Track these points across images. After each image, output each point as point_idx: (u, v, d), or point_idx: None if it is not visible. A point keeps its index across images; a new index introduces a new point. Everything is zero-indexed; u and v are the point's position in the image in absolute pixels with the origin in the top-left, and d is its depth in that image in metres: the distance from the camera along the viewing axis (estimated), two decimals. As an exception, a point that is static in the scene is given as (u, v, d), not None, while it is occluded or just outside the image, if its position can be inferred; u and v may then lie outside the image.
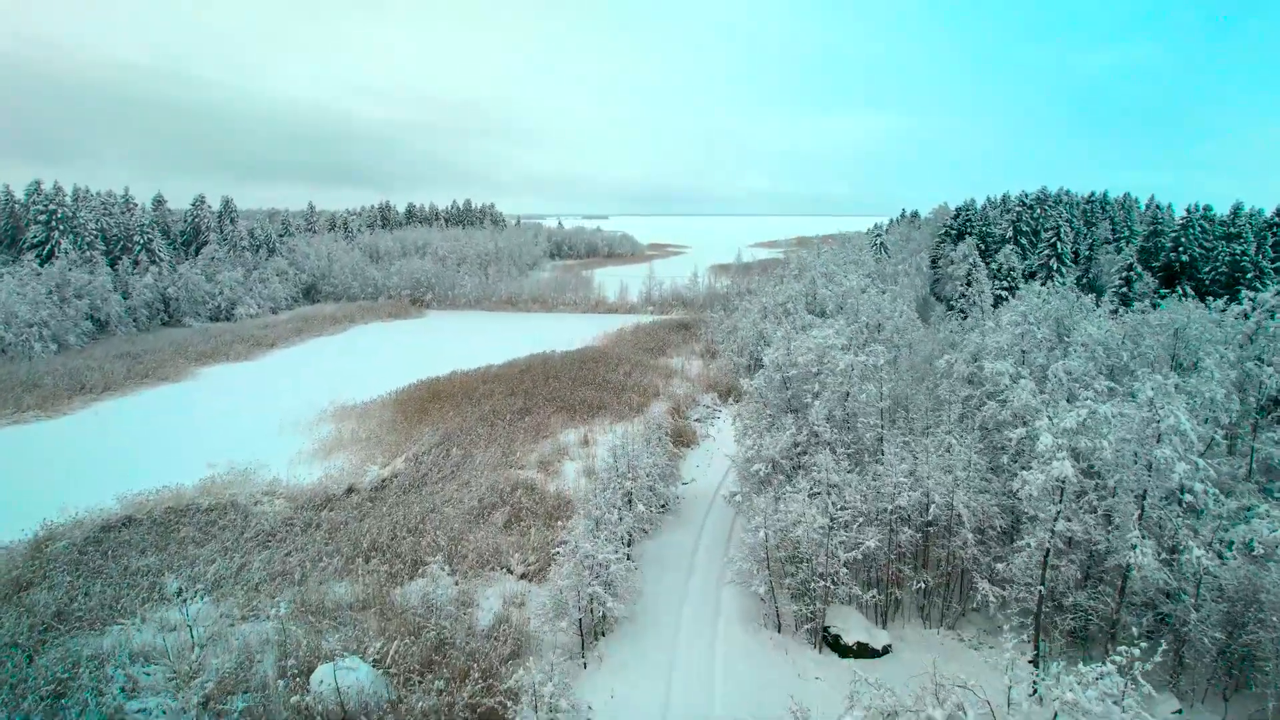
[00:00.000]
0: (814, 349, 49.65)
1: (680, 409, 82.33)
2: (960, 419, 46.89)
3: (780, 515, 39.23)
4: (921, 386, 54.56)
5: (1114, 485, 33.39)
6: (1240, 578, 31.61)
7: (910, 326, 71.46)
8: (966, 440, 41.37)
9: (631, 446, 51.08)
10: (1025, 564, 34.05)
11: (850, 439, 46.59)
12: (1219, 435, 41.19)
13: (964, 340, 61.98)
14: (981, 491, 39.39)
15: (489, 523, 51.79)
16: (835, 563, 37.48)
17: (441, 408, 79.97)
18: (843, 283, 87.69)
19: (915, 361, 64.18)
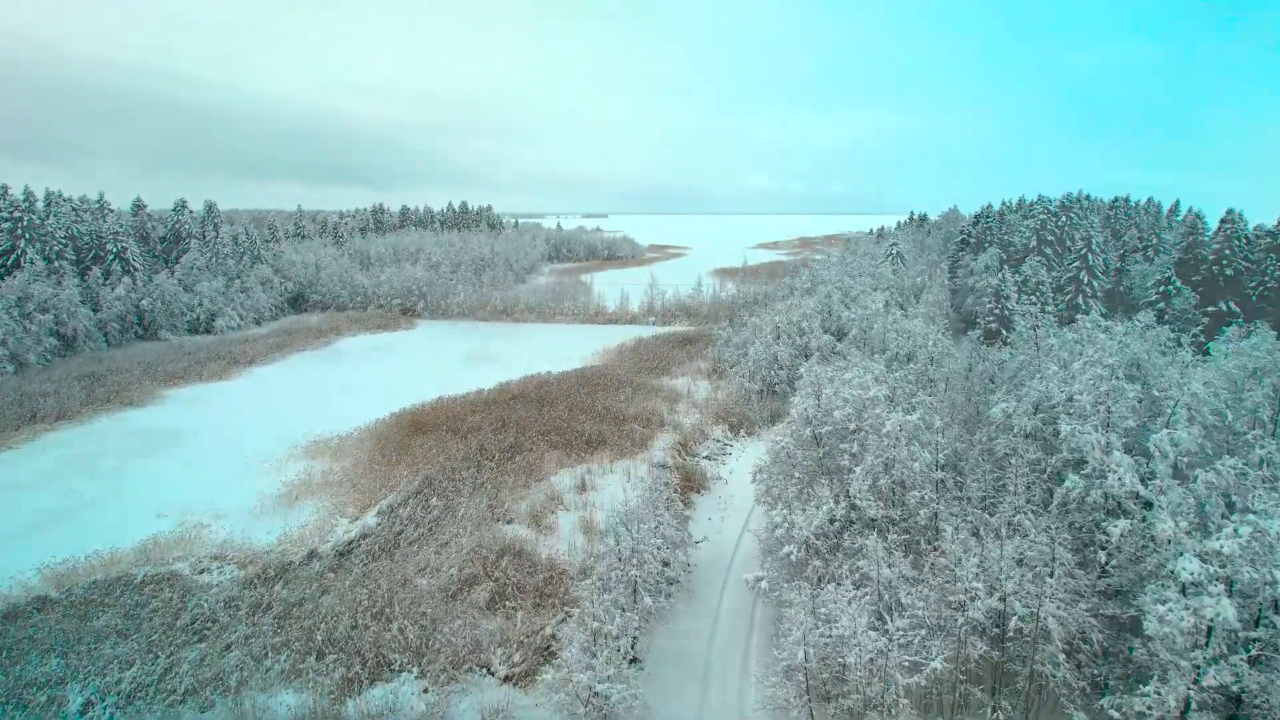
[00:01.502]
0: (851, 401, 41.95)
1: (688, 444, 74.53)
2: (1029, 487, 39.09)
3: (821, 627, 31.48)
4: (974, 441, 46.59)
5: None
6: None
7: (947, 357, 63.55)
8: (1044, 523, 33.71)
9: (636, 514, 43.33)
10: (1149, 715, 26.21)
11: (899, 514, 38.88)
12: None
13: (1013, 380, 54.27)
14: (1076, 596, 31.59)
15: (468, 602, 44.11)
16: (894, 689, 29.82)
17: (424, 443, 72.25)
18: (866, 305, 79.78)
19: (957, 401, 56.29)
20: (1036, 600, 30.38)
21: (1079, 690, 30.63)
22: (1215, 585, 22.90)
